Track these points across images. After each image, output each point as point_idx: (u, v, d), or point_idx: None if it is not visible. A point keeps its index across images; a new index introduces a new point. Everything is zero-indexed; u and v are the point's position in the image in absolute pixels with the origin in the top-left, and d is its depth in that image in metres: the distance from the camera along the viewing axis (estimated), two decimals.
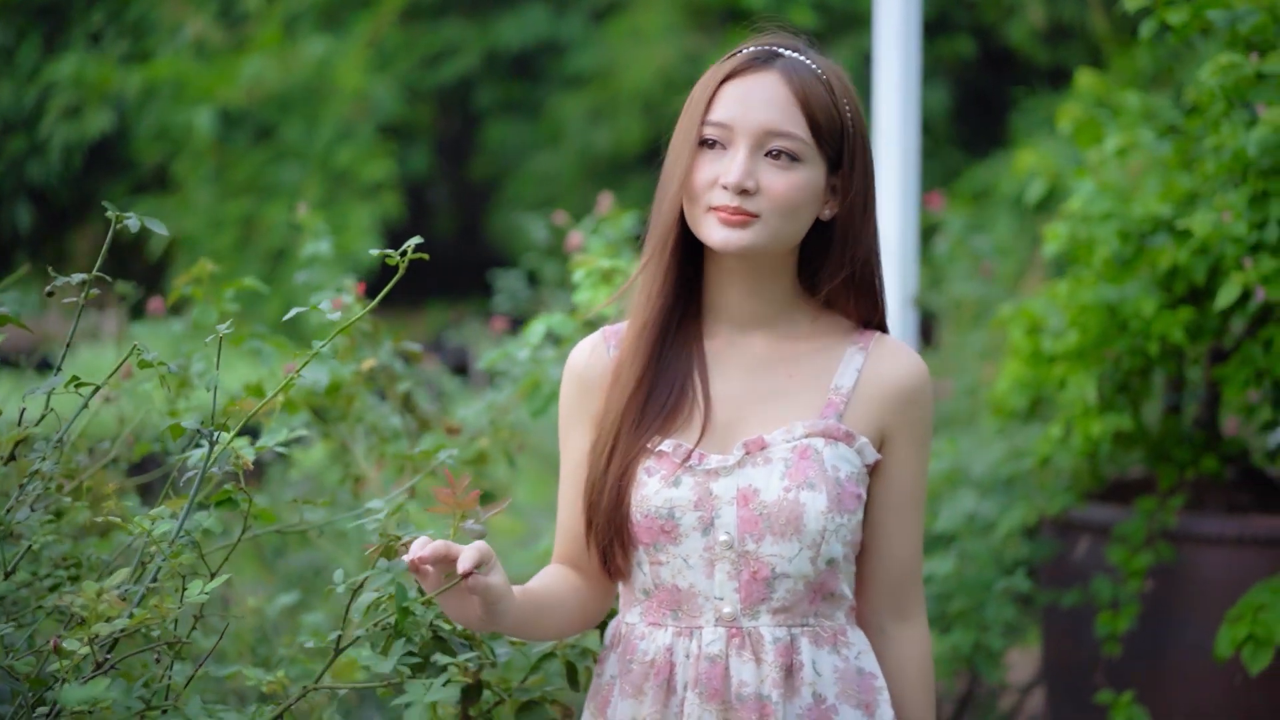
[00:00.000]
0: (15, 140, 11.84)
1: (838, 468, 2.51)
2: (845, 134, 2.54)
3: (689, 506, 2.51)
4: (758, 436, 2.52)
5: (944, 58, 12.07)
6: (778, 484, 2.50)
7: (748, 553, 2.50)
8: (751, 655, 2.50)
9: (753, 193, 2.48)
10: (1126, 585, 4.09)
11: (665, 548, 2.52)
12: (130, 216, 2.34)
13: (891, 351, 2.61)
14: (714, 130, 2.50)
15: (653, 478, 2.53)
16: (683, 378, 2.58)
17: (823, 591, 2.53)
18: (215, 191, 11.53)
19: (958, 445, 4.71)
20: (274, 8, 12.06)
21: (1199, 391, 4.47)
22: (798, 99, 2.49)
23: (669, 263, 2.57)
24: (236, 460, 2.28)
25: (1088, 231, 4.20)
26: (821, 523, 2.48)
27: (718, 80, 2.52)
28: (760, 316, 2.60)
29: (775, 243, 2.51)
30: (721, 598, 2.51)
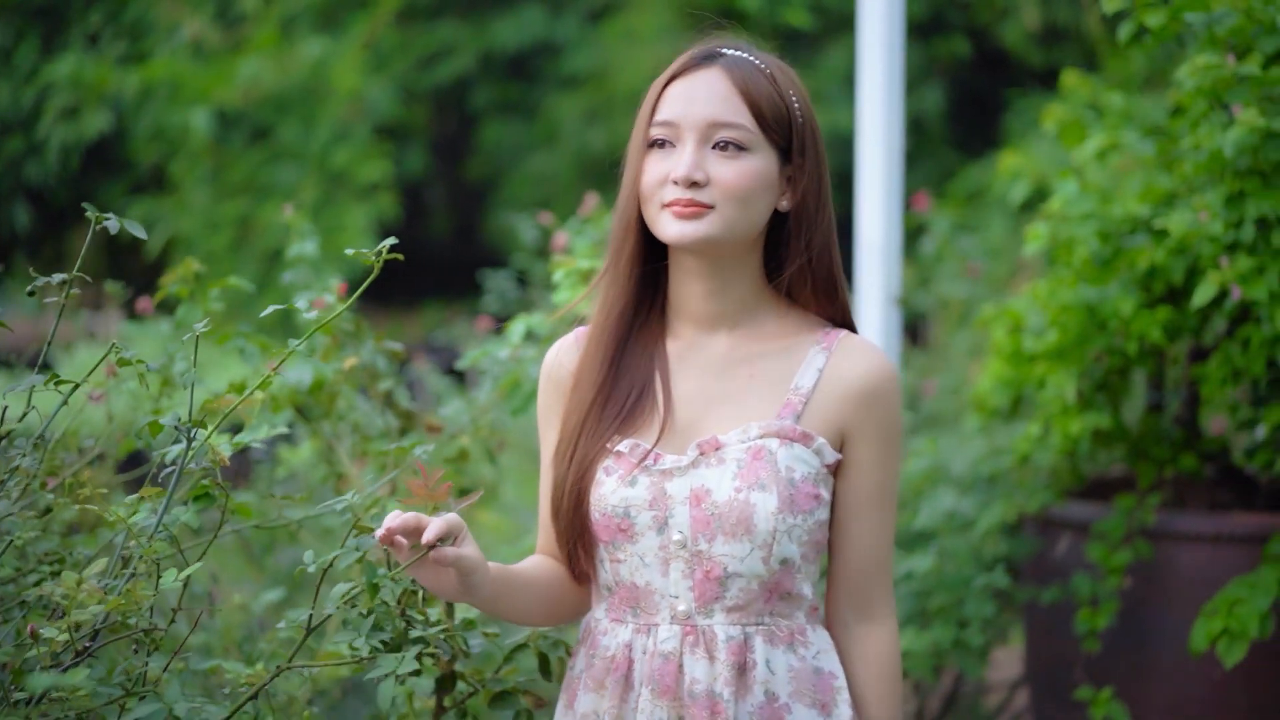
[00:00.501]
0: (13, 141, 11.86)
1: (792, 468, 2.53)
2: (793, 123, 2.58)
3: (644, 506, 2.54)
4: (712, 437, 2.56)
5: (939, 58, 12.10)
6: (729, 484, 2.53)
7: (700, 552, 2.53)
8: (705, 653, 2.54)
9: (703, 184, 2.52)
10: (1105, 582, 4.13)
11: (623, 546, 2.56)
12: (109, 218, 2.37)
13: (855, 351, 2.62)
14: (661, 130, 2.56)
15: (610, 477, 2.57)
16: (644, 378, 2.61)
17: (778, 591, 2.56)
18: (212, 192, 11.56)
19: (938, 444, 4.75)
20: (271, 9, 12.08)
21: (1180, 390, 4.51)
22: (739, 90, 2.54)
23: (627, 267, 2.62)
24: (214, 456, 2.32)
25: (1068, 232, 4.24)
26: (772, 523, 2.51)
27: (663, 83, 2.59)
28: (723, 316, 2.63)
29: (730, 233, 2.54)
30: (676, 596, 2.55)
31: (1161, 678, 4.17)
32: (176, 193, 11.68)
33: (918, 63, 11.74)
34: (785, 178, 2.61)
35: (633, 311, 2.64)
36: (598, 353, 2.63)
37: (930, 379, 5.61)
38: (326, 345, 3.39)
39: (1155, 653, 4.17)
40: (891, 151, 5.14)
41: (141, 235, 2.38)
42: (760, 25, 11.20)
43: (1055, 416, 4.18)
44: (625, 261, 2.63)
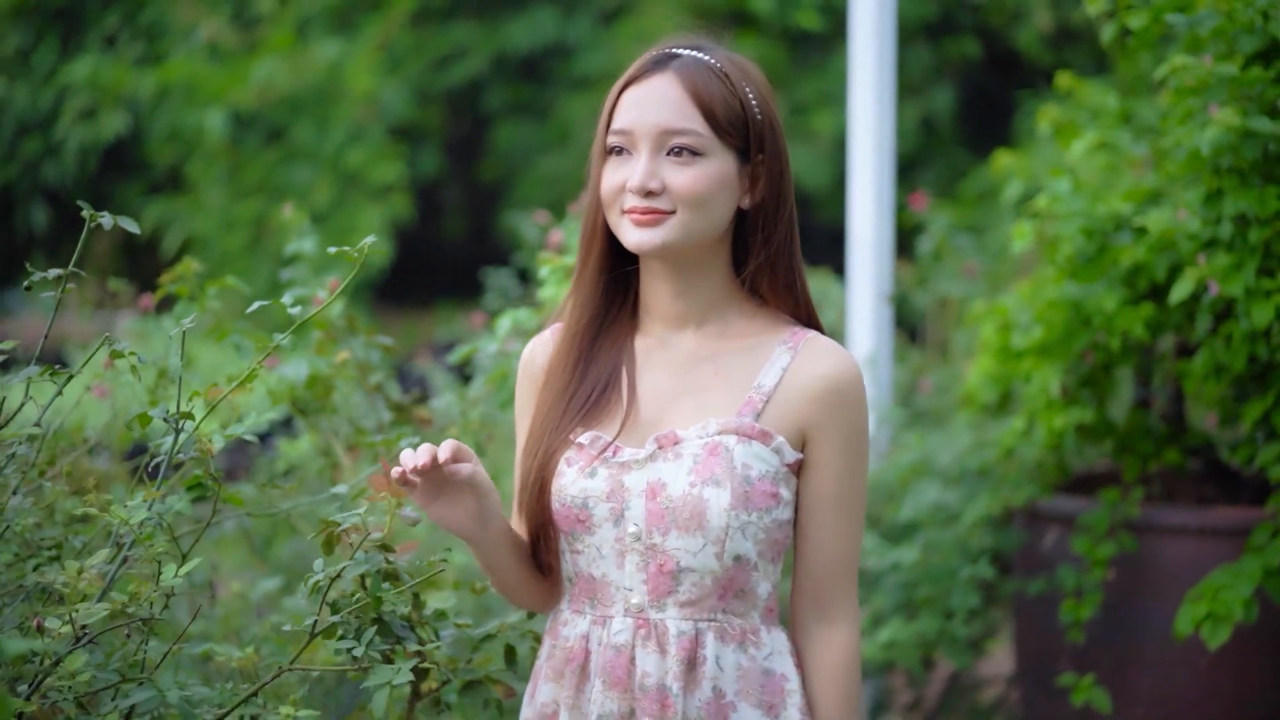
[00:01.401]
0: (31, 142, 11.96)
1: (749, 465, 2.54)
2: (749, 121, 2.58)
3: (602, 497, 2.57)
4: (670, 431, 2.58)
5: (949, 59, 12.15)
6: (684, 479, 2.54)
7: (654, 545, 2.55)
8: (656, 646, 2.56)
9: (658, 192, 2.54)
10: (1090, 574, 4.20)
11: (581, 537, 2.59)
12: (104, 215, 2.46)
13: (820, 351, 2.62)
14: (617, 138, 2.57)
15: (571, 468, 2.59)
16: (610, 374, 2.64)
17: (733, 588, 2.57)
18: (228, 192, 11.63)
19: (925, 438, 4.83)
20: (286, 10, 12.15)
21: (1166, 386, 4.59)
22: (691, 95, 2.54)
23: (594, 272, 2.66)
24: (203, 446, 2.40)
25: (1054, 230, 4.32)
26: (724, 519, 2.52)
27: (618, 90, 2.60)
28: (690, 314, 2.65)
29: (691, 237, 2.56)
30: (631, 589, 2.57)
31: (1147, 668, 4.24)
32: (193, 193, 11.76)
33: (928, 63, 11.79)
34: (746, 176, 2.62)
35: (602, 313, 2.67)
36: (568, 353, 2.67)
37: (925, 376, 5.68)
38: (320, 340, 3.48)
39: (1141, 644, 4.25)
40: (883, 148, 5.21)
41: (135, 230, 2.46)
42: (771, 27, 11.25)
43: (1040, 411, 4.26)
44: (592, 266, 2.66)
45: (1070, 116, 4.87)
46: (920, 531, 4.53)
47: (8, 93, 11.96)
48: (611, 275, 2.67)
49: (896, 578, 4.44)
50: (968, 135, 12.41)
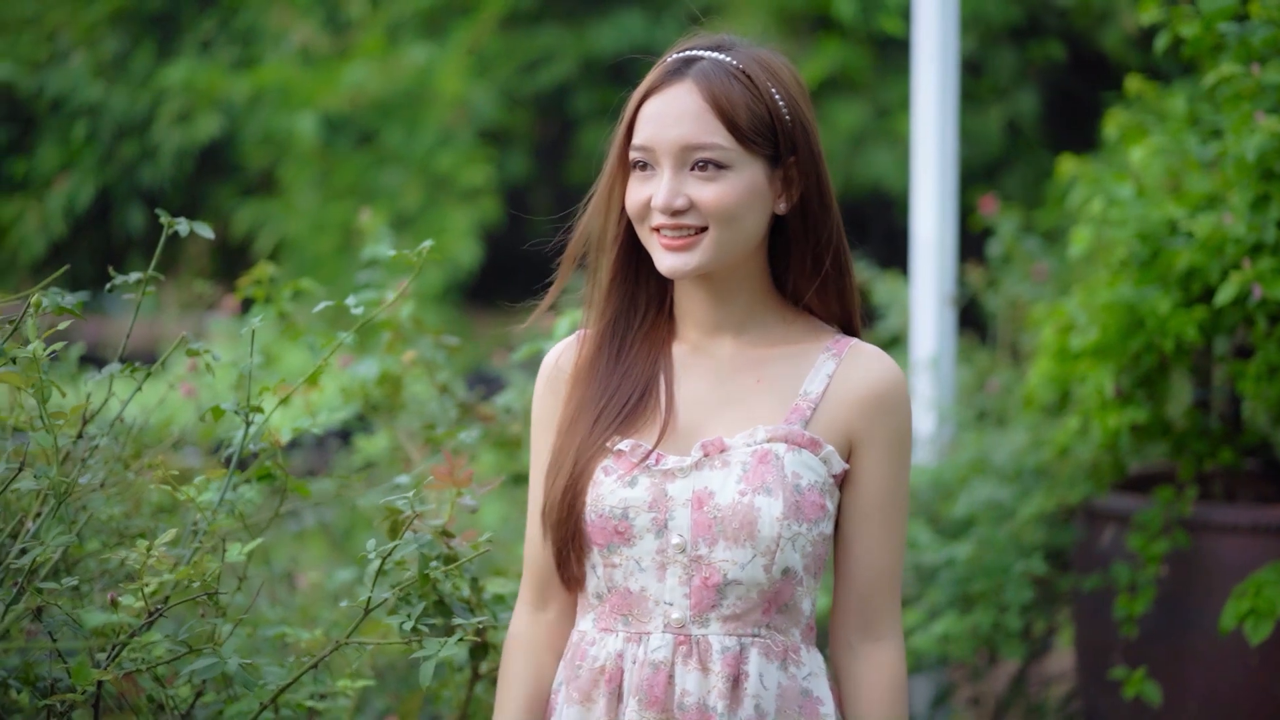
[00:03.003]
0: (129, 145, 12.19)
1: (798, 474, 2.46)
2: (777, 124, 2.48)
3: (643, 507, 2.47)
4: (717, 438, 2.49)
5: (1034, 61, 12.17)
6: (733, 487, 2.45)
7: (700, 557, 2.45)
8: (698, 664, 2.46)
9: (685, 210, 2.46)
10: (1144, 571, 4.29)
11: (619, 549, 2.48)
12: (180, 221, 2.62)
13: (864, 358, 2.55)
14: (639, 154, 2.49)
15: (609, 477, 2.49)
16: (646, 381, 2.55)
17: (777, 603, 2.48)
18: (319, 195, 11.79)
19: (984, 437, 4.94)
20: (378, 16, 12.31)
21: (1224, 387, 4.67)
22: (712, 106, 2.44)
23: (610, 274, 2.58)
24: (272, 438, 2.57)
25: (1109, 234, 4.41)
26: (776, 529, 2.43)
27: (638, 100, 2.52)
28: (727, 322, 2.57)
29: (725, 253, 2.49)
30: (671, 603, 2.47)
31: (1200, 663, 4.33)
32: (285, 196, 11.93)
33: (1014, 66, 11.82)
34: (779, 180, 2.52)
35: (628, 317, 2.59)
36: (596, 358, 2.59)
37: (993, 377, 5.78)
38: (390, 341, 3.64)
39: (1194, 639, 4.33)
40: (946, 152, 5.31)
41: (209, 235, 2.62)
42: (855, 32, 11.32)
43: (1094, 411, 4.35)
44: (607, 269, 2.58)
45: (1137, 120, 4.94)
46: (975, 527, 4.64)
47: (106, 97, 12.19)
48: (639, 282, 2.59)
49: (952, 572, 4.55)
50: (1053, 138, 12.43)
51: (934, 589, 4.71)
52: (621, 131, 2.53)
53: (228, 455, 2.71)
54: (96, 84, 12.25)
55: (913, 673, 5.10)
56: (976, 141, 11.44)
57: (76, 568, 2.86)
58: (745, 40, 2.56)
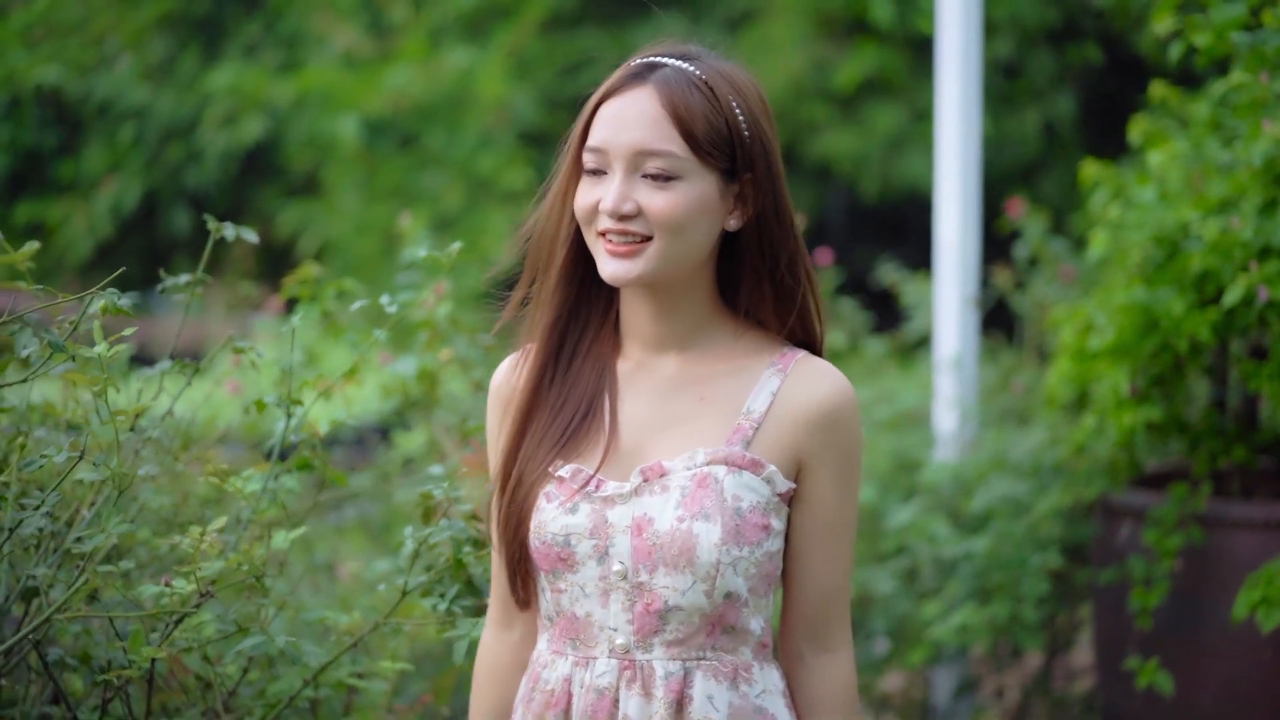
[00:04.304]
0: (175, 148, 12.36)
1: (739, 497, 2.41)
2: (735, 138, 2.42)
3: (585, 534, 2.43)
4: (656, 463, 2.44)
5: (1071, 64, 12.24)
6: (671, 514, 2.41)
7: (641, 584, 2.42)
8: (641, 690, 2.43)
9: (633, 215, 2.40)
10: (1159, 565, 4.41)
11: (563, 575, 2.46)
12: (227, 226, 2.77)
13: (811, 373, 2.48)
14: (592, 157, 2.43)
15: (551, 503, 2.46)
16: (590, 400, 2.50)
17: (722, 625, 2.44)
18: (362, 197, 11.92)
19: (1003, 435, 5.08)
20: (420, 20, 12.44)
21: (1240, 386, 4.79)
22: (669, 113, 2.38)
23: (557, 285, 2.51)
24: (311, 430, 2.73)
25: (1125, 237, 4.53)
26: (715, 555, 2.39)
27: (595, 101, 2.46)
28: (672, 337, 2.51)
29: (670, 264, 2.43)
30: (615, 628, 2.44)
31: (1214, 656, 4.45)
32: (328, 198, 12.07)
33: (1051, 69, 11.89)
34: (732, 196, 2.46)
35: (576, 331, 2.53)
36: (540, 375, 2.52)
37: (1017, 377, 5.91)
38: (428, 339, 3.79)
39: (1209, 633, 4.45)
40: (968, 156, 5.43)
41: (254, 240, 2.77)
42: (892, 37, 11.41)
43: (1110, 409, 4.47)
44: (554, 279, 2.50)
45: (1159, 126, 5.05)
46: (993, 522, 4.78)
47: (153, 100, 12.37)
48: (583, 291, 2.52)
49: (970, 565, 4.69)
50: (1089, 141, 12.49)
51: (953, 581, 4.85)
52: (577, 132, 2.47)
53: (269, 447, 2.87)
54: (143, 87, 12.42)
55: (933, 664, 5.23)
56: (1013, 144, 11.52)
57: (128, 554, 3.02)
58: (713, 53, 2.50)
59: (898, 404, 5.75)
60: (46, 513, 2.54)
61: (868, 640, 5.21)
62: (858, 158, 11.48)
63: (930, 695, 5.39)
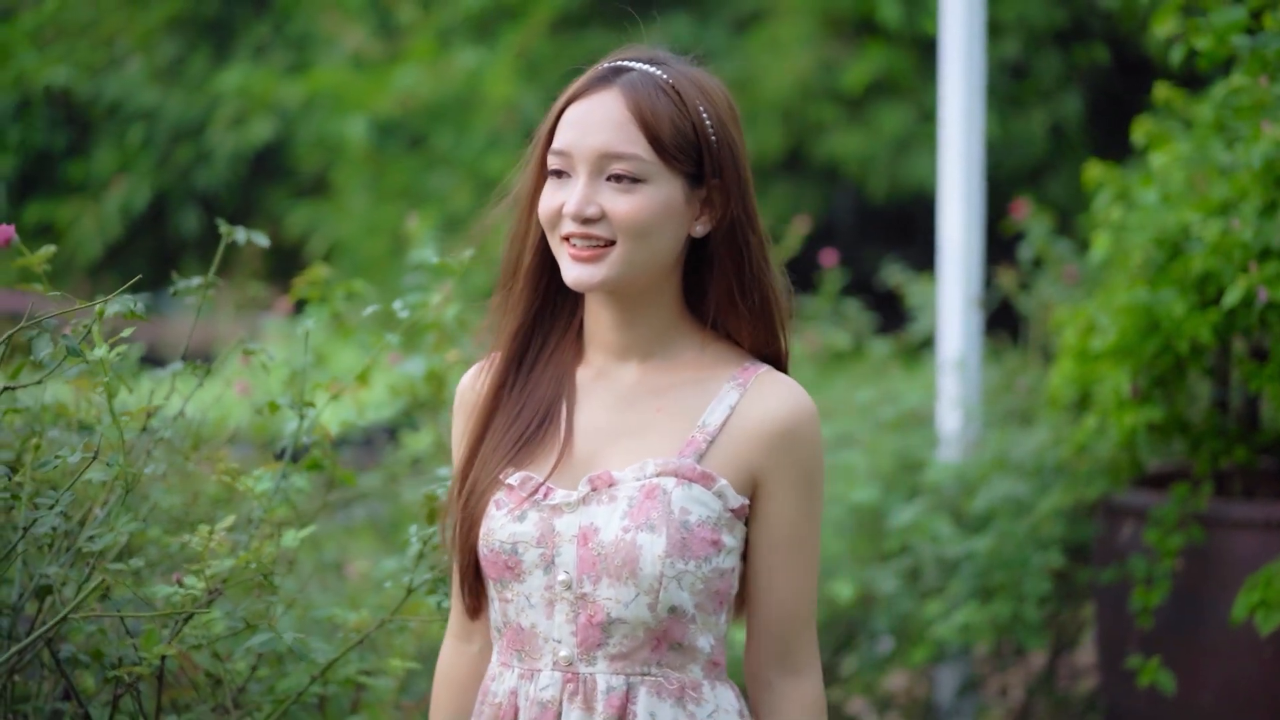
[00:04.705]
0: (184, 149, 12.42)
1: (687, 510, 2.36)
2: (703, 144, 2.39)
3: (532, 543, 2.39)
4: (605, 472, 2.40)
5: (1078, 65, 12.27)
6: (617, 524, 2.36)
7: (585, 595, 2.37)
8: (583, 703, 2.38)
9: (596, 219, 2.37)
10: (1160, 564, 4.45)
11: (510, 584, 2.42)
12: (239, 230, 2.81)
13: (771, 388, 2.44)
14: (556, 159, 2.39)
15: (501, 511, 2.42)
16: (548, 407, 2.47)
17: (667, 641, 2.39)
18: (370, 198, 11.97)
19: (1005, 435, 5.11)
20: (429, 20, 12.48)
21: (1242, 387, 4.82)
22: (635, 116, 2.36)
23: (524, 289, 2.48)
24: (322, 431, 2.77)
25: (1127, 239, 4.57)
26: (659, 567, 2.34)
27: (561, 105, 2.43)
28: (634, 346, 2.47)
29: (634, 270, 2.39)
30: (559, 640, 2.40)
31: (1214, 655, 4.48)
32: (337, 198, 12.12)
33: (1058, 70, 11.91)
34: (699, 201, 2.42)
35: (539, 338, 2.50)
36: (500, 381, 2.50)
37: (1021, 377, 5.95)
38: (436, 341, 3.83)
39: (1210, 632, 4.49)
40: (971, 157, 5.47)
41: (265, 243, 2.81)
42: (900, 37, 11.44)
43: (1112, 410, 4.51)
44: (521, 283, 2.48)
45: (1163, 127, 5.09)
46: (996, 521, 4.82)
47: (162, 101, 12.43)
48: (547, 297, 2.50)
49: (973, 565, 4.73)
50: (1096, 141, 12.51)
51: (955, 580, 4.89)
52: (543, 135, 2.44)
53: (280, 448, 2.92)
54: (152, 89, 12.48)
55: (936, 663, 5.27)
56: (1020, 145, 11.54)
57: (139, 553, 3.06)
58: (683, 59, 2.47)
59: (901, 404, 5.79)
60: (60, 512, 2.58)
61: (871, 639, 5.25)
62: (865, 158, 11.52)
63: (934, 694, 5.43)
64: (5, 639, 2.65)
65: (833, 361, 6.90)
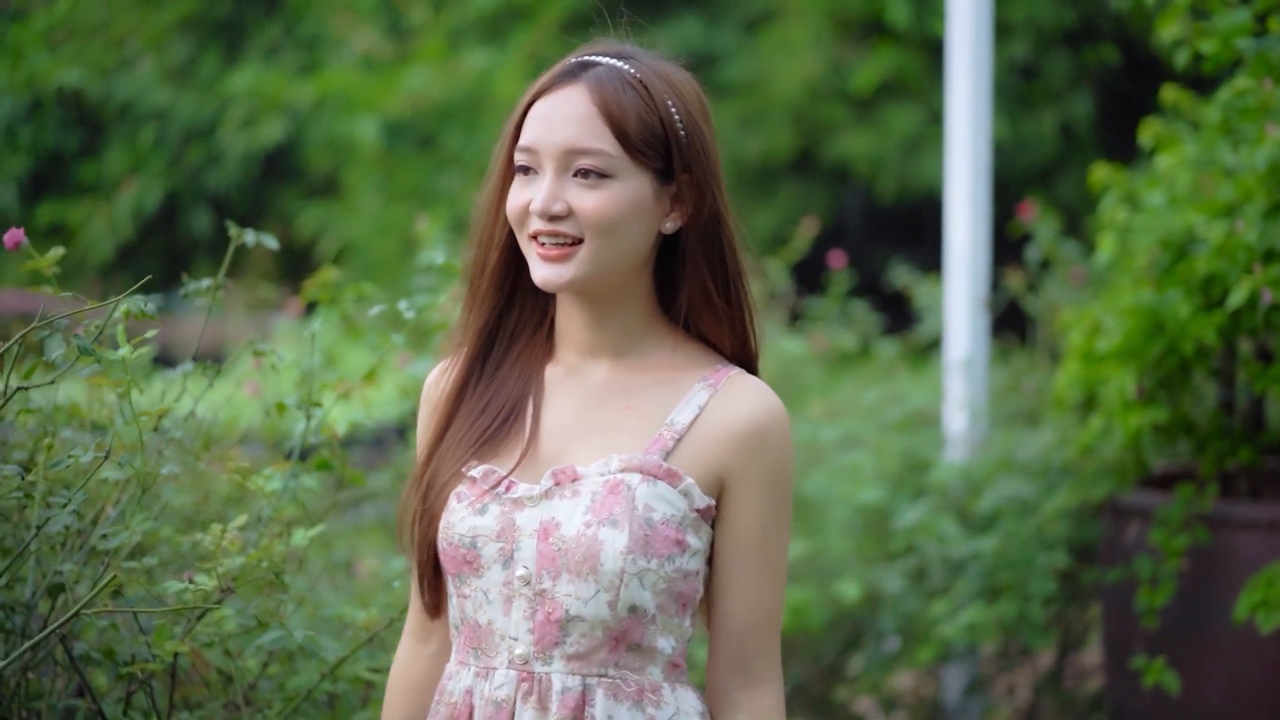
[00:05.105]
0: (195, 150, 12.47)
1: (651, 507, 2.31)
2: (671, 138, 2.35)
3: (491, 536, 2.34)
4: (569, 466, 2.35)
5: (1088, 66, 12.28)
6: (579, 518, 2.31)
7: (544, 591, 2.32)
8: (537, 703, 2.33)
9: (564, 216, 2.33)
10: (1165, 565, 4.47)
11: (469, 579, 2.37)
12: (248, 232, 2.85)
13: (742, 390, 2.39)
14: (523, 156, 2.36)
15: (461, 504, 2.38)
16: (514, 403, 2.43)
17: (626, 641, 2.33)
18: (381, 199, 12.01)
19: (1011, 436, 5.14)
20: (439, 21, 12.52)
21: (1247, 388, 4.85)
22: (601, 111, 2.32)
23: (490, 285, 2.45)
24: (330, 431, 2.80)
25: (1131, 241, 4.60)
26: (619, 564, 2.29)
27: (527, 100, 2.40)
28: (605, 345, 2.43)
29: (602, 268, 2.35)
30: (516, 638, 2.34)
31: (1219, 655, 4.51)
32: (348, 199, 12.16)
33: (1068, 70, 11.93)
34: (669, 197, 2.39)
35: (506, 334, 2.46)
36: (466, 376, 2.47)
37: (1028, 378, 5.98)
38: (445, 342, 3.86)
39: (1215, 632, 4.51)
40: (978, 159, 5.50)
41: (274, 246, 2.84)
42: (910, 38, 11.46)
43: (1117, 411, 4.53)
44: (488, 279, 2.45)
45: (1170, 130, 5.11)
46: (1001, 522, 4.84)
47: (173, 102, 12.48)
48: (515, 296, 2.46)
49: (978, 565, 4.75)
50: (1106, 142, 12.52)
51: (961, 580, 4.92)
52: (509, 132, 2.41)
53: (289, 448, 2.96)
54: (164, 89, 12.53)
55: (943, 662, 5.30)
56: (1030, 146, 11.55)
57: (151, 551, 3.10)
58: (651, 53, 2.44)
59: (908, 405, 5.82)
60: (73, 511, 2.62)
61: (878, 639, 5.28)
62: (875, 159, 11.54)
63: (941, 693, 5.46)
64: (19, 636, 2.68)
65: (840, 362, 6.93)
